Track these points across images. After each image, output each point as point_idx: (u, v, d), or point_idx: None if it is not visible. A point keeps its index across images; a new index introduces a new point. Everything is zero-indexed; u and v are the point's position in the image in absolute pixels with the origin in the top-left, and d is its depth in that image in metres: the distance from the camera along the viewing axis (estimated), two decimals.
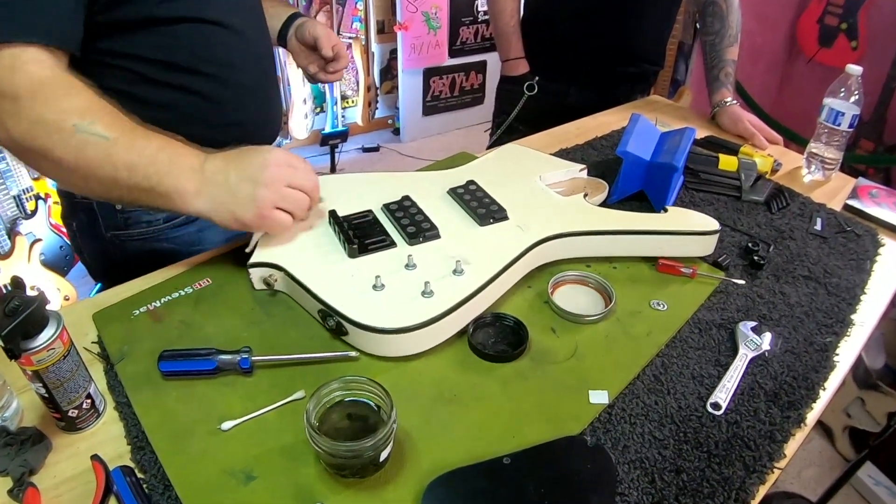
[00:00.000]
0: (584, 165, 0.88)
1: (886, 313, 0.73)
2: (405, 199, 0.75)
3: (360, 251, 0.66)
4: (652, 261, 0.74)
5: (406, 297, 0.60)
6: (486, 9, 2.83)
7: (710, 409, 0.56)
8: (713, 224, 0.74)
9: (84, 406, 0.52)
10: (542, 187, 0.81)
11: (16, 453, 0.49)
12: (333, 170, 2.70)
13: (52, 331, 0.48)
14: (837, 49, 2.31)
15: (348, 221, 0.70)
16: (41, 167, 0.60)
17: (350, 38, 2.68)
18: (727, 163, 0.94)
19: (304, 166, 0.64)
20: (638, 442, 0.53)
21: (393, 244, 0.67)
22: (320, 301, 0.60)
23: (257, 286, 0.66)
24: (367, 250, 0.66)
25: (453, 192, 0.78)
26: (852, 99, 0.93)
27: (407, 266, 0.64)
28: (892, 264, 0.80)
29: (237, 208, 0.60)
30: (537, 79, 1.25)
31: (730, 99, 1.15)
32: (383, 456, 0.48)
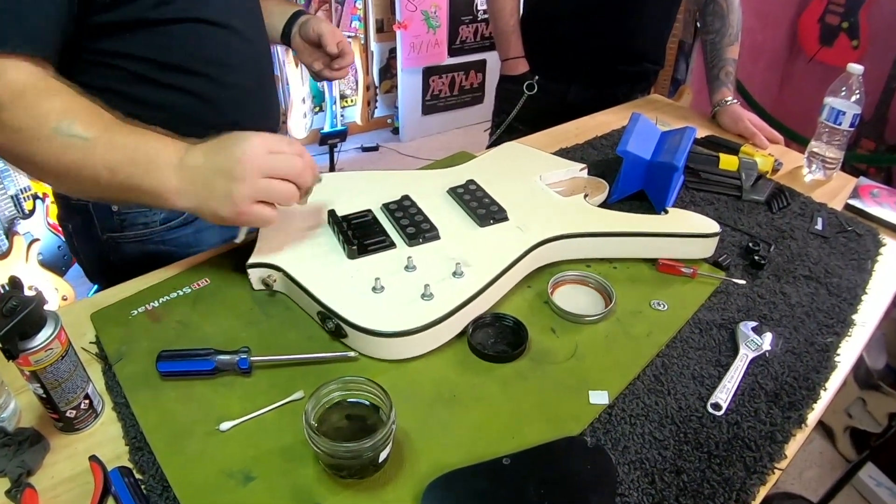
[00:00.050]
0: (584, 165, 0.88)
1: (888, 313, 0.73)
2: (405, 199, 0.74)
3: (360, 252, 0.66)
4: (652, 261, 0.74)
5: (406, 300, 0.60)
6: (485, 8, 2.82)
7: (710, 410, 0.56)
8: (713, 226, 0.74)
9: (82, 406, 0.52)
10: (542, 187, 0.81)
11: (13, 454, 0.49)
12: (332, 169, 2.69)
13: (50, 331, 0.48)
14: (838, 48, 2.30)
15: (347, 221, 0.70)
16: (31, 173, 0.59)
17: (349, 37, 2.68)
18: (728, 162, 0.94)
19: (289, 149, 0.59)
20: (638, 442, 0.53)
21: (392, 245, 0.67)
22: (319, 303, 0.59)
23: (256, 287, 0.66)
24: (367, 251, 0.66)
25: (453, 191, 0.77)
26: (853, 98, 0.93)
27: (406, 268, 0.64)
28: (893, 264, 0.80)
29: (215, 205, 0.57)
30: (537, 78, 1.25)
31: (730, 98, 1.15)
32: (382, 457, 0.48)
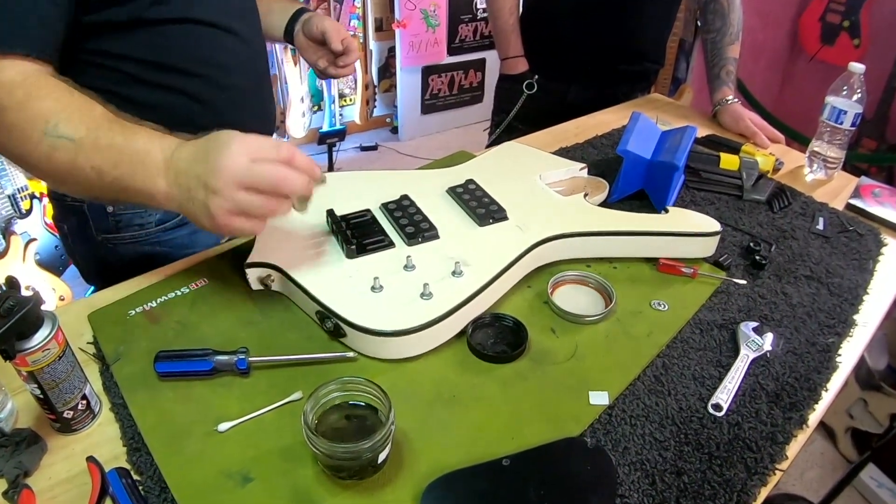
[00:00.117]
0: (584, 164, 0.87)
1: (889, 314, 0.73)
2: (404, 199, 0.74)
3: (359, 252, 0.65)
4: (652, 261, 0.73)
5: (405, 299, 0.60)
6: (484, 6, 2.81)
7: (711, 411, 0.56)
8: (714, 225, 0.73)
9: (79, 407, 0.51)
10: (542, 186, 0.80)
11: (10, 455, 0.49)
12: (331, 169, 2.69)
13: (47, 331, 0.47)
14: (839, 47, 2.30)
15: (346, 221, 0.70)
16: (31, 174, 0.59)
17: None
18: (728, 162, 0.93)
19: (274, 155, 0.54)
20: (638, 443, 0.52)
21: (391, 245, 0.67)
22: (318, 303, 0.59)
23: (254, 287, 0.65)
24: (366, 251, 0.66)
25: (452, 191, 0.77)
26: (855, 97, 0.93)
27: (406, 267, 0.63)
28: (894, 264, 0.80)
29: (196, 215, 0.55)
30: (537, 77, 1.24)
31: (731, 97, 1.15)
32: (381, 457, 0.48)
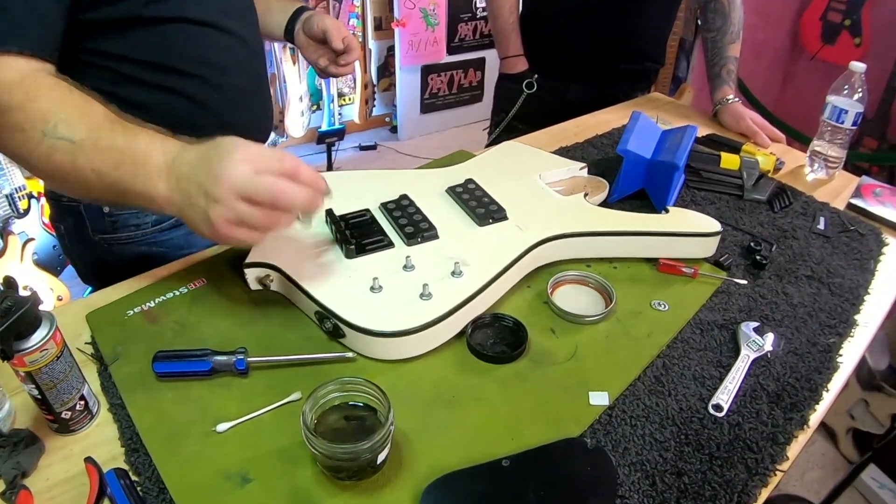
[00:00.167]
0: (584, 164, 0.87)
1: (890, 314, 0.73)
2: (403, 198, 0.74)
3: (358, 252, 0.65)
4: (653, 261, 0.73)
5: (404, 300, 0.59)
6: (484, 5, 2.81)
7: (711, 411, 0.56)
8: (714, 225, 0.73)
9: (77, 408, 0.51)
10: (542, 186, 0.80)
11: (8, 455, 0.49)
12: (330, 168, 2.69)
13: (45, 331, 0.47)
14: (841, 46, 2.30)
15: (345, 221, 0.69)
16: (32, 174, 0.58)
17: None
18: (729, 161, 0.93)
19: (278, 167, 0.52)
20: (639, 444, 0.52)
21: (391, 245, 0.67)
22: (317, 303, 0.59)
23: (253, 287, 0.65)
24: (365, 251, 0.65)
25: (452, 190, 0.77)
26: (856, 96, 0.92)
27: (405, 267, 0.63)
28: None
29: (195, 221, 0.54)
30: (536, 76, 1.24)
31: (732, 96, 1.15)
32: (381, 458, 0.47)
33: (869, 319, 0.69)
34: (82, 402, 0.52)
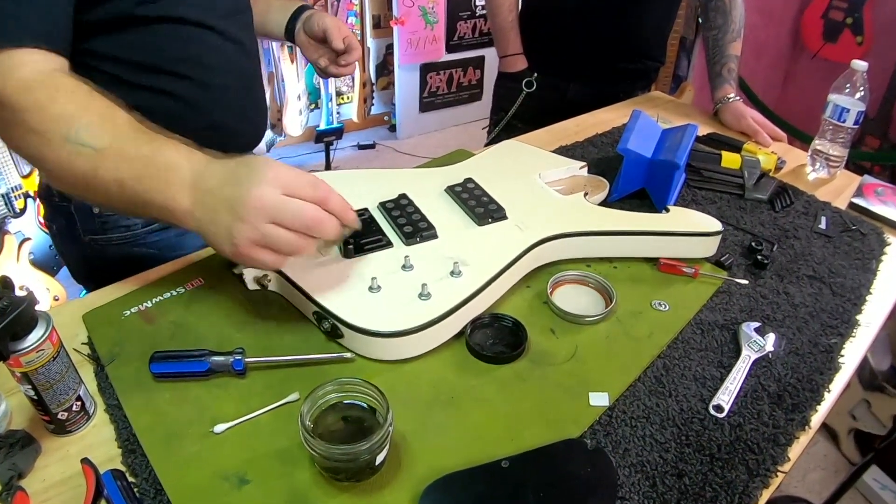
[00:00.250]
0: (584, 163, 0.87)
1: (892, 314, 0.72)
2: (402, 198, 0.74)
3: (356, 251, 0.65)
4: (653, 260, 0.73)
5: (403, 300, 0.59)
6: (483, 3, 2.81)
7: (712, 412, 0.55)
8: (715, 225, 0.73)
9: (74, 408, 0.51)
10: (542, 185, 0.80)
11: (4, 456, 0.48)
12: (328, 167, 2.69)
13: (42, 332, 0.47)
14: (842, 44, 2.30)
15: None
16: (49, 178, 0.57)
17: None
18: (730, 160, 0.93)
19: (310, 194, 0.52)
20: (639, 445, 0.52)
21: (389, 244, 0.66)
22: (315, 303, 0.59)
23: (251, 287, 0.65)
24: (363, 251, 0.65)
25: (451, 189, 0.76)
26: (857, 95, 0.92)
27: (404, 267, 0.63)
28: None
29: (216, 238, 0.53)
30: (536, 75, 1.24)
31: (733, 95, 1.14)
32: (379, 459, 0.47)
33: (871, 319, 0.69)
34: (79, 403, 0.51)
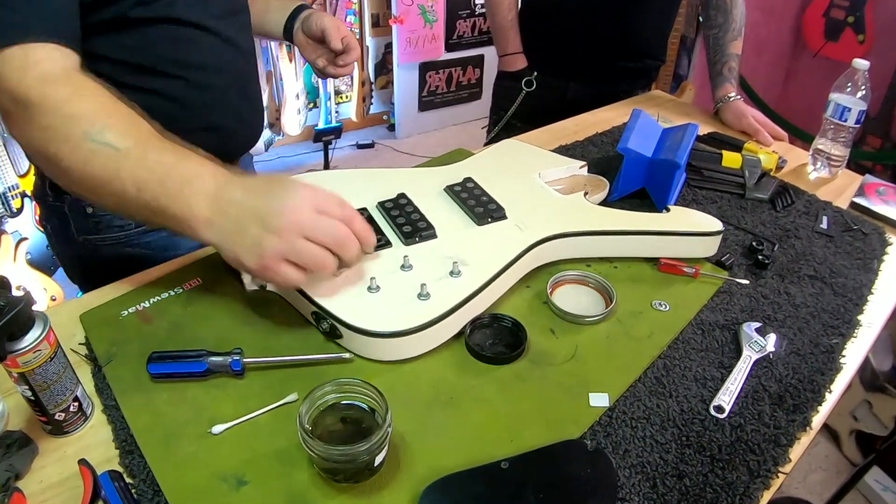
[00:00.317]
0: (584, 162, 0.87)
1: (894, 314, 0.72)
2: (401, 197, 0.73)
3: None
4: (653, 260, 0.72)
5: (402, 300, 0.59)
6: (483, 2, 2.80)
7: (713, 413, 0.55)
8: (716, 224, 0.73)
9: (71, 409, 0.51)
10: (541, 185, 0.79)
11: (1, 458, 0.48)
12: (327, 167, 2.68)
13: (39, 332, 0.47)
14: (844, 43, 2.29)
15: None
16: (56, 176, 0.56)
17: None
18: (731, 160, 0.93)
19: (339, 213, 0.53)
20: (639, 446, 0.52)
21: (388, 244, 0.66)
22: (314, 303, 0.58)
23: (249, 287, 0.64)
24: None
25: (450, 189, 0.76)
26: (859, 94, 0.92)
27: (403, 267, 0.63)
28: None
29: (241, 251, 0.52)
30: (536, 74, 1.23)
31: (733, 94, 1.14)
32: (378, 460, 0.47)
33: (872, 320, 0.69)
34: (76, 404, 0.51)
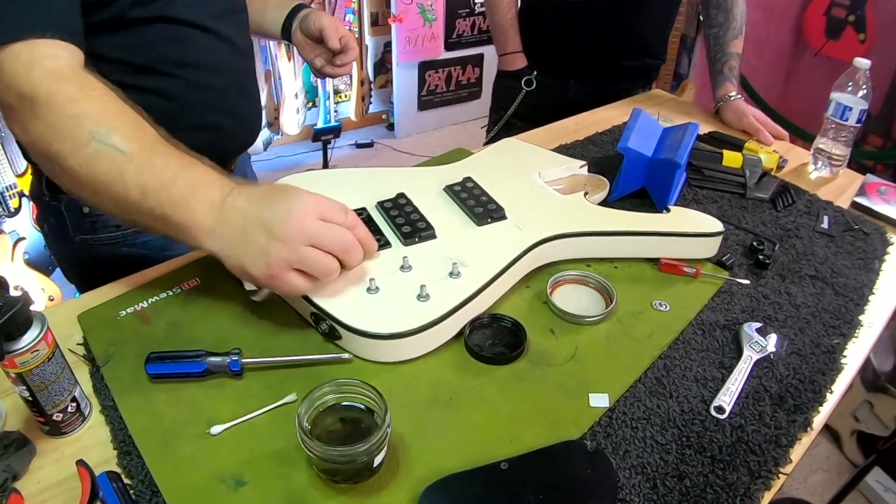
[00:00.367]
0: (584, 162, 0.86)
1: (895, 314, 0.72)
2: (400, 197, 0.73)
3: None
4: (654, 260, 0.72)
5: (401, 301, 0.59)
6: (482, 0, 2.80)
7: (713, 413, 0.55)
8: (717, 225, 0.72)
9: (69, 410, 0.51)
10: (541, 184, 0.79)
11: None
12: (326, 166, 2.68)
13: (37, 332, 0.46)
14: (845, 42, 2.29)
15: None
16: (57, 176, 0.55)
17: None
18: (731, 159, 0.92)
19: (342, 219, 0.54)
20: (639, 446, 0.52)
21: (388, 244, 0.66)
22: (313, 304, 0.58)
23: (248, 287, 0.64)
24: None
25: (450, 189, 0.76)
26: (860, 93, 0.91)
27: (402, 268, 0.62)
28: None
29: (246, 259, 0.52)
30: (535, 73, 1.23)
31: (734, 93, 1.14)
32: (377, 461, 0.47)
33: (873, 320, 0.69)
34: (74, 404, 0.51)
